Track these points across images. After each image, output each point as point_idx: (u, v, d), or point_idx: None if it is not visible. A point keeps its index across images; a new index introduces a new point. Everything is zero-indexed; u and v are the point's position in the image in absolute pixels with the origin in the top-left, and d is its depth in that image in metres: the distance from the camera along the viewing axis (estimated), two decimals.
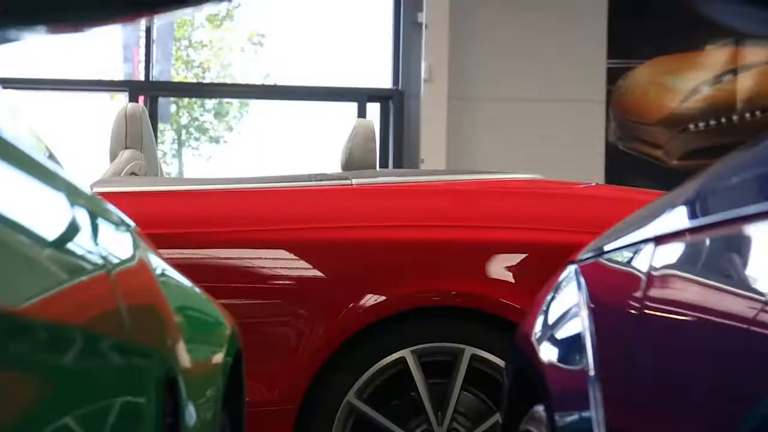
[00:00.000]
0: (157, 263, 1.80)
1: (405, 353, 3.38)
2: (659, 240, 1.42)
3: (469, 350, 3.38)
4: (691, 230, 1.32)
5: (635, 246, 1.52)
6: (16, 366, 0.96)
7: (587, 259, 1.81)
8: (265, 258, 3.43)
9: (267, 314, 3.40)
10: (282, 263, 3.42)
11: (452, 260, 3.44)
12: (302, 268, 3.41)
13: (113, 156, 4.14)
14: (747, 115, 8.40)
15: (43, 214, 1.18)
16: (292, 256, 3.42)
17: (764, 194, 1.13)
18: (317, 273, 3.41)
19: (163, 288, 1.73)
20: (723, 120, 8.41)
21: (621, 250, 1.62)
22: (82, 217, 1.34)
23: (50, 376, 1.05)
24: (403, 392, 3.53)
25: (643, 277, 1.42)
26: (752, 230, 1.13)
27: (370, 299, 3.38)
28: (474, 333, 3.40)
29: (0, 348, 0.92)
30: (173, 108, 11.74)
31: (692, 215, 1.36)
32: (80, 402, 1.13)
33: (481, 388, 3.52)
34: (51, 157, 1.51)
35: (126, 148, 4.13)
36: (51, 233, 1.16)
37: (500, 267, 3.43)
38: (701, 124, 8.43)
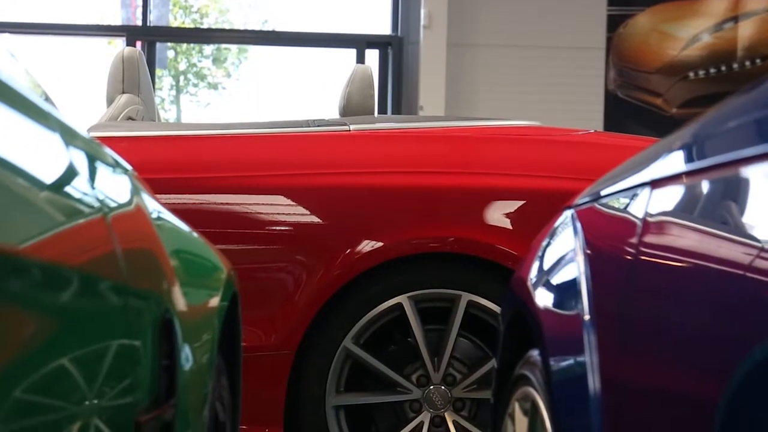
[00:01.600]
0: (154, 207, 1.80)
1: (402, 299, 3.39)
2: (655, 184, 1.42)
3: (466, 296, 3.39)
4: (688, 173, 1.32)
5: (631, 190, 1.52)
6: (14, 304, 0.96)
7: (583, 204, 1.81)
8: (263, 203, 3.42)
9: (265, 260, 3.40)
10: (279, 209, 3.42)
11: (450, 207, 3.44)
12: (300, 214, 3.41)
13: (110, 101, 4.12)
14: (747, 63, 8.37)
15: (40, 156, 1.18)
16: (289, 201, 3.42)
17: (761, 137, 1.13)
18: (315, 219, 3.41)
19: (160, 232, 1.73)
20: (723, 68, 8.38)
21: (617, 194, 1.62)
22: (79, 160, 1.34)
23: (46, 316, 1.05)
24: (399, 338, 3.54)
25: (638, 222, 1.42)
26: (748, 173, 1.12)
27: (367, 245, 3.38)
28: (471, 279, 3.41)
29: None
30: (171, 54, 11.69)
31: (688, 159, 1.36)
32: (76, 342, 1.13)
33: (478, 335, 3.53)
34: (47, 100, 1.51)
35: (123, 92, 4.11)
36: (48, 176, 1.16)
37: (498, 214, 3.43)
38: (701, 72, 8.40)
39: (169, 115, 11.55)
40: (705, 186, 1.25)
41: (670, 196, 1.36)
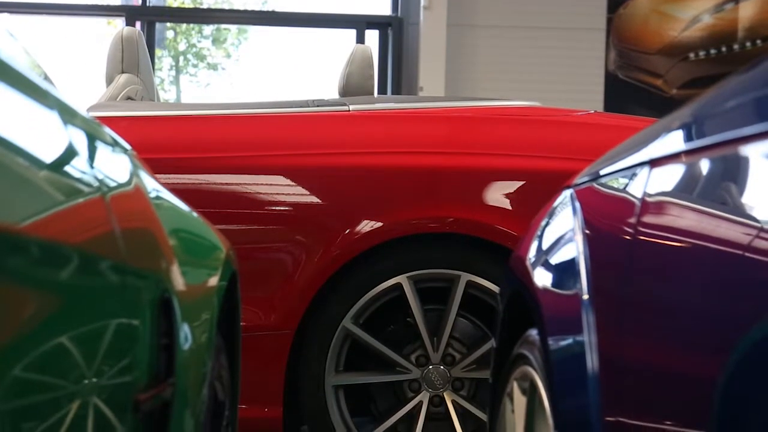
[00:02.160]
0: (153, 187, 1.80)
1: (401, 279, 3.39)
2: (654, 163, 1.42)
3: (465, 276, 3.40)
4: (687, 152, 1.32)
5: (630, 170, 1.52)
6: (13, 283, 0.96)
7: (582, 183, 1.81)
8: (263, 184, 3.42)
9: (264, 240, 3.40)
10: (279, 189, 3.42)
11: (449, 187, 3.44)
12: (299, 194, 3.41)
13: (109, 80, 4.12)
14: (748, 43, 8.35)
15: (39, 135, 1.17)
16: (289, 181, 3.42)
17: (760, 116, 1.13)
18: (314, 199, 3.41)
19: (158, 211, 1.73)
20: (724, 49, 8.37)
21: (616, 174, 1.61)
22: (78, 139, 1.34)
23: (44, 295, 1.05)
24: (399, 318, 3.55)
25: (637, 201, 1.42)
26: (747, 151, 1.12)
27: (367, 225, 3.38)
28: (470, 260, 3.41)
29: None
30: (170, 34, 11.67)
31: (687, 138, 1.35)
32: (74, 321, 1.13)
33: (477, 315, 3.54)
34: (47, 79, 1.51)
35: (122, 72, 4.10)
36: (46, 155, 1.16)
37: (498, 194, 3.43)
38: (702, 53, 8.39)
39: (169, 95, 11.53)
40: (704, 165, 1.25)
41: (669, 175, 1.36)
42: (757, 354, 1.00)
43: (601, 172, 1.71)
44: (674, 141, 1.39)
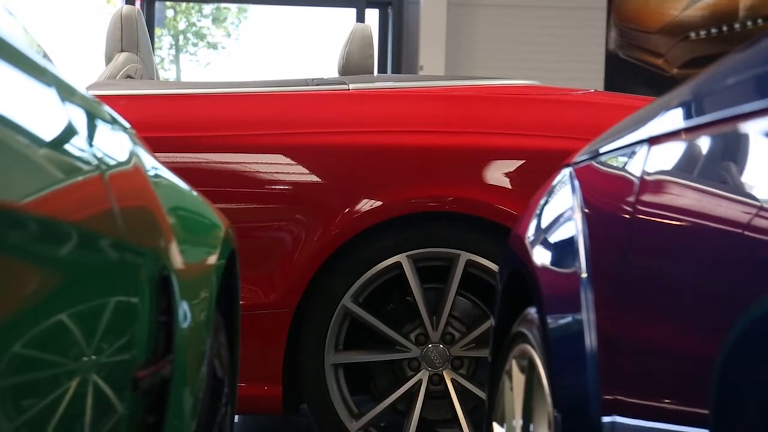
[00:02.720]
0: (152, 165, 1.80)
1: (401, 258, 3.39)
2: (653, 141, 1.42)
3: (465, 255, 3.40)
4: (686, 130, 1.32)
5: (629, 148, 1.52)
6: (11, 259, 0.96)
7: (582, 161, 1.81)
8: (262, 162, 3.42)
9: (264, 219, 3.40)
10: (279, 167, 3.42)
11: (449, 166, 3.44)
12: (299, 173, 3.41)
13: (108, 59, 4.11)
14: (749, 23, 8.33)
15: (38, 113, 1.17)
16: (288, 160, 3.42)
17: (759, 93, 1.13)
18: (314, 177, 3.41)
19: (157, 189, 1.73)
20: (725, 28, 8.35)
21: (615, 152, 1.61)
22: (77, 117, 1.34)
23: (43, 272, 1.05)
24: (398, 297, 3.55)
25: (635, 179, 1.42)
26: (746, 128, 1.12)
27: (366, 204, 3.38)
28: (470, 238, 3.41)
29: None
30: (170, 13, 11.65)
31: (686, 115, 1.35)
32: (73, 297, 1.13)
33: (476, 294, 3.54)
34: (45, 57, 1.50)
35: (122, 51, 4.09)
36: (45, 132, 1.16)
37: (497, 173, 3.43)
38: (703, 33, 8.37)
39: (169, 74, 11.52)
40: (702, 142, 1.25)
41: (668, 153, 1.36)
42: (755, 332, 1.00)
43: (600, 150, 1.71)
44: (673, 119, 1.39)
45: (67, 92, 1.33)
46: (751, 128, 1.11)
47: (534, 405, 1.78)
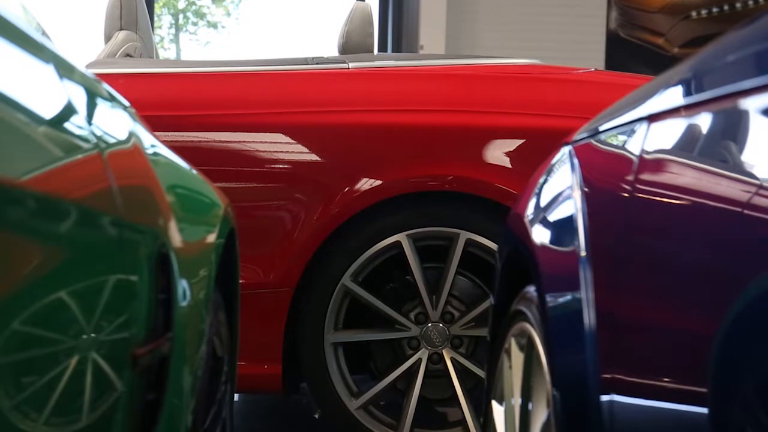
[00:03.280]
0: (151, 143, 1.80)
1: (400, 237, 3.39)
2: (652, 118, 1.41)
3: (464, 235, 3.40)
4: (685, 107, 1.32)
5: (629, 125, 1.52)
6: (10, 236, 0.96)
7: (581, 140, 1.80)
8: (262, 141, 3.42)
9: (264, 198, 3.40)
10: (279, 147, 3.41)
11: (449, 145, 3.43)
12: (299, 152, 3.41)
13: (108, 38, 4.10)
14: (750, 2, 8.31)
15: (37, 91, 1.17)
16: (288, 139, 3.41)
17: (759, 69, 1.12)
18: (314, 157, 3.41)
19: (156, 168, 1.72)
20: (726, 7, 8.33)
21: (614, 129, 1.61)
22: (76, 95, 1.34)
23: (41, 250, 1.05)
24: (398, 276, 3.56)
25: (635, 157, 1.42)
26: (746, 105, 1.12)
27: (366, 183, 3.38)
28: (470, 218, 3.41)
29: None
30: None
31: (686, 92, 1.35)
32: (72, 274, 1.13)
33: (476, 273, 3.54)
34: (44, 35, 1.50)
35: (121, 29, 4.09)
36: (44, 110, 1.16)
37: (497, 152, 3.43)
38: (704, 12, 8.34)
39: (169, 53, 11.50)
40: (702, 119, 1.25)
41: (668, 131, 1.35)
42: (754, 310, 1.00)
43: (600, 128, 1.70)
44: (673, 96, 1.38)
45: (65, 70, 1.33)
46: (752, 105, 1.11)
47: (533, 383, 1.78)
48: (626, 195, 1.41)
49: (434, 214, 3.41)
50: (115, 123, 1.53)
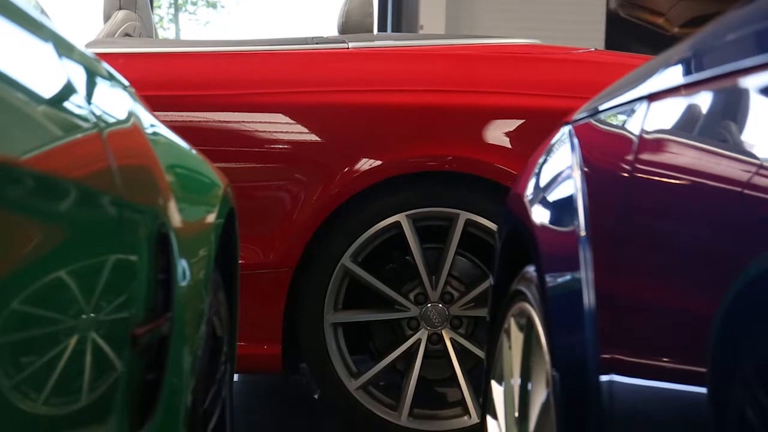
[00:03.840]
0: (150, 123, 1.79)
1: (400, 217, 3.39)
2: (652, 97, 1.41)
3: (464, 215, 3.40)
4: (685, 86, 1.31)
5: (628, 105, 1.51)
6: (9, 216, 0.96)
7: (581, 119, 1.80)
8: (261, 121, 3.41)
9: (264, 178, 3.40)
10: (278, 127, 3.41)
11: (449, 125, 3.43)
12: (298, 132, 3.41)
13: (107, 17, 4.09)
14: None
15: (36, 70, 1.17)
16: (288, 119, 3.41)
17: (760, 47, 1.12)
18: (313, 137, 3.41)
19: (156, 147, 1.72)
20: None
21: (614, 109, 1.61)
22: (75, 74, 1.33)
23: (40, 228, 1.05)
24: (398, 257, 3.56)
25: (634, 137, 1.42)
26: (747, 83, 1.11)
27: (365, 163, 3.38)
28: (469, 198, 3.41)
29: None
30: None
31: (686, 71, 1.35)
32: (71, 254, 1.13)
33: (476, 253, 3.55)
34: (43, 13, 1.49)
35: (120, 9, 4.08)
36: (43, 89, 1.15)
37: (497, 132, 3.43)
38: None
39: (168, 33, 11.48)
40: (702, 98, 1.24)
41: (668, 110, 1.35)
42: (753, 290, 1.00)
43: (600, 108, 1.70)
44: (673, 75, 1.38)
45: (65, 49, 1.33)
46: (752, 83, 1.10)
47: (532, 363, 1.78)
48: (626, 175, 1.41)
49: (434, 194, 3.41)
50: (114, 102, 1.53)
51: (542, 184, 1.89)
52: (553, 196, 1.79)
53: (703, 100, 1.24)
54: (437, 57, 3.65)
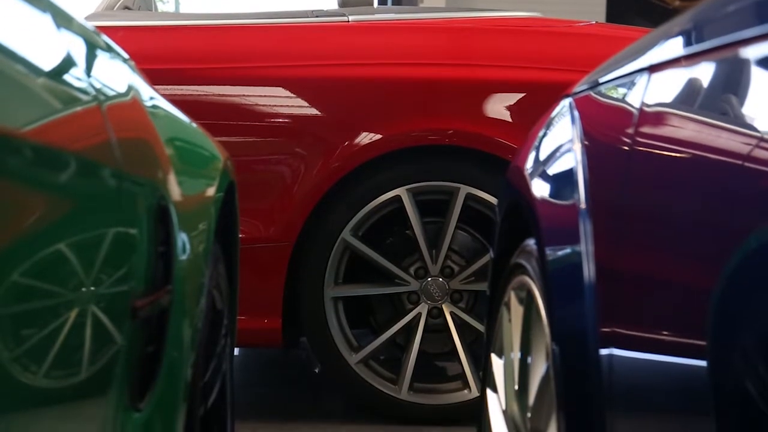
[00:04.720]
0: (150, 96, 1.79)
1: (400, 191, 3.39)
2: (653, 69, 1.41)
3: (464, 189, 3.40)
4: (686, 57, 1.31)
5: (629, 77, 1.51)
6: (8, 187, 0.96)
7: (581, 92, 1.79)
8: (262, 95, 3.41)
9: (263, 151, 3.40)
10: (278, 100, 3.41)
11: (449, 99, 3.42)
12: (298, 106, 3.40)
13: None
14: None
15: (36, 42, 1.16)
16: (288, 93, 3.41)
17: (760, 18, 1.11)
18: (314, 110, 3.40)
19: (156, 121, 1.72)
20: None
21: (615, 81, 1.60)
22: (75, 47, 1.33)
23: (40, 201, 1.05)
24: (398, 231, 3.56)
25: (635, 110, 1.41)
26: (747, 54, 1.11)
27: (366, 137, 3.37)
28: (470, 172, 3.41)
29: None
30: None
31: (687, 43, 1.34)
32: (71, 226, 1.13)
33: (476, 227, 3.54)
34: None
35: None
36: (42, 62, 1.15)
37: (498, 106, 3.42)
38: None
39: (167, 7, 11.44)
40: (703, 69, 1.24)
41: (668, 82, 1.35)
42: (753, 263, 1.00)
43: (600, 80, 1.69)
44: (674, 46, 1.37)
45: (64, 21, 1.32)
46: (752, 54, 1.10)
47: (532, 337, 1.79)
48: (626, 147, 1.41)
49: (434, 168, 3.41)
50: (114, 75, 1.52)
51: (542, 157, 1.88)
52: (553, 169, 1.79)
53: (704, 72, 1.23)
54: (438, 30, 3.64)
